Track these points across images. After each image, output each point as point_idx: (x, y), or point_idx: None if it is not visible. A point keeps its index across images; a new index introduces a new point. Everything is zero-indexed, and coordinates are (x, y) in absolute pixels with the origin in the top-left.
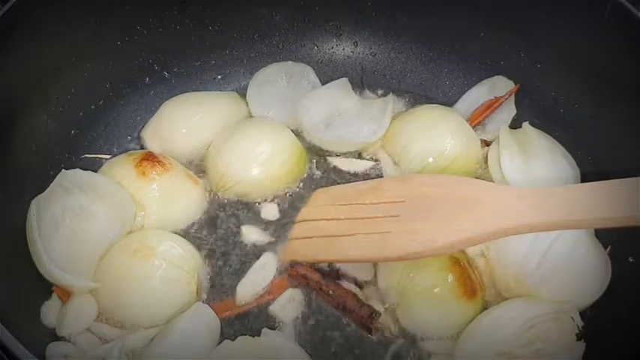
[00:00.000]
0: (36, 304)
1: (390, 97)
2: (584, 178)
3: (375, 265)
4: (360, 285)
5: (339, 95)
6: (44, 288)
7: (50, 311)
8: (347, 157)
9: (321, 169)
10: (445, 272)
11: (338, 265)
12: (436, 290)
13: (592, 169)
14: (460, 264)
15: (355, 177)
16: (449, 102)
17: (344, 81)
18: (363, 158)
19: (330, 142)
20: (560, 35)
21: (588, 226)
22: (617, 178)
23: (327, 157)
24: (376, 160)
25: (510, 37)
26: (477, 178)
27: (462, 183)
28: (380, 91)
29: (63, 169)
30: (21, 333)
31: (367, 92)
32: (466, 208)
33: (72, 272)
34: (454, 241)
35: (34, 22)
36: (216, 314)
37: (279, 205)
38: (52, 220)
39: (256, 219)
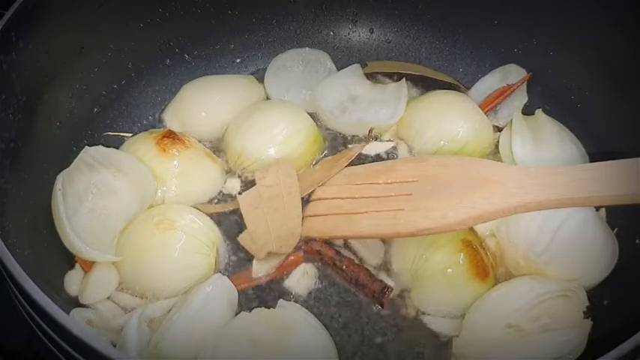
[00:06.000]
0: (59, 273)
1: (404, 81)
2: None
3: (385, 247)
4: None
5: (353, 81)
6: (67, 258)
7: (73, 280)
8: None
9: (335, 152)
10: (457, 254)
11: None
12: (449, 272)
13: (601, 155)
14: (472, 246)
15: (370, 159)
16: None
17: (356, 67)
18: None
19: (348, 125)
20: (573, 24)
21: (594, 204)
22: None
23: (342, 141)
24: (391, 143)
25: (523, 26)
26: None
27: (473, 163)
28: (394, 77)
29: (86, 146)
30: None
31: (380, 78)
32: (477, 187)
33: (95, 246)
34: (465, 218)
35: (60, 3)
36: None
37: None
38: (76, 195)
39: None
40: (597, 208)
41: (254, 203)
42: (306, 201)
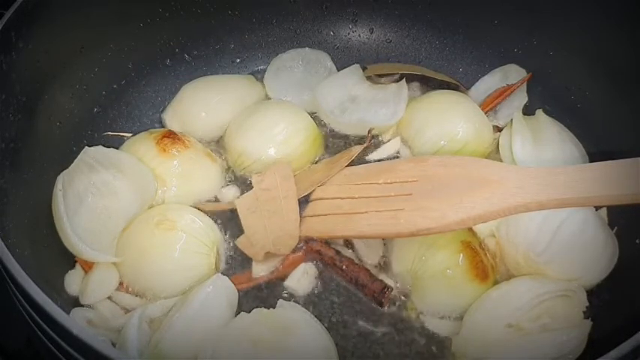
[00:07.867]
0: (60, 273)
1: (404, 81)
2: None
3: (386, 247)
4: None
5: (352, 81)
6: (67, 258)
7: (73, 280)
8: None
9: (335, 152)
10: (457, 256)
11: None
12: (449, 273)
13: (601, 155)
14: (472, 247)
15: (370, 160)
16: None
17: (356, 67)
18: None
19: (348, 125)
20: (573, 24)
21: (594, 204)
22: None
23: (342, 141)
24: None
25: (523, 26)
26: None
27: (473, 163)
28: (394, 77)
29: (86, 146)
30: None
31: (379, 78)
32: (477, 187)
33: (96, 247)
34: (465, 218)
35: (60, 3)
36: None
37: None
38: (76, 196)
39: None
40: (597, 208)
41: (251, 207)
42: (305, 201)
